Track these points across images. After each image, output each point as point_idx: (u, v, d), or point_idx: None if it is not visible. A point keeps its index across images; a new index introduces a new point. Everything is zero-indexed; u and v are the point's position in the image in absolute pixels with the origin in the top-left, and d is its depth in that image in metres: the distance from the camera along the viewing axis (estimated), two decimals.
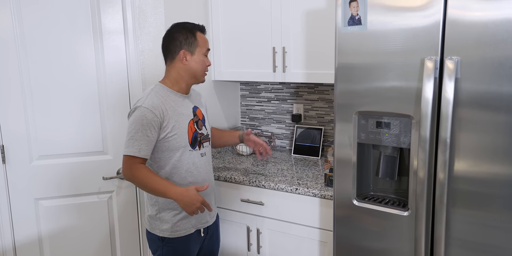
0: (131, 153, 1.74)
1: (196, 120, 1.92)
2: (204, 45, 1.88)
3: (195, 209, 1.72)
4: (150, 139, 1.76)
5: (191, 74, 1.88)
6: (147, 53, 2.26)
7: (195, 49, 1.85)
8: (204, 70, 1.90)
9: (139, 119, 1.74)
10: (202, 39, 1.88)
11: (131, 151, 1.74)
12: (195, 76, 1.89)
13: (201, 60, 1.87)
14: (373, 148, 1.77)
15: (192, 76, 1.88)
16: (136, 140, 1.74)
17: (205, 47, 1.88)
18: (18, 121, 2.12)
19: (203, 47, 1.87)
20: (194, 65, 1.86)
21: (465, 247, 1.51)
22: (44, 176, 2.20)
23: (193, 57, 1.85)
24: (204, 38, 1.89)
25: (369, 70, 1.60)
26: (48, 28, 2.10)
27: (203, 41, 1.88)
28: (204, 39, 1.89)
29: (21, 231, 2.21)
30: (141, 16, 2.23)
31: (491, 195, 1.43)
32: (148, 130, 1.74)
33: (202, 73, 1.90)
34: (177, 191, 1.71)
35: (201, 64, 1.88)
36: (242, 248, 2.32)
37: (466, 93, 1.42)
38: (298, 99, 2.77)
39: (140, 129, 1.74)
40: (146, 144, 1.75)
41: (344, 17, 1.61)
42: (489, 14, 1.35)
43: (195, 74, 1.88)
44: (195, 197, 1.71)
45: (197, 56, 1.86)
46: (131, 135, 1.75)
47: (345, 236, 1.78)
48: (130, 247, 2.41)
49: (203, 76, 1.92)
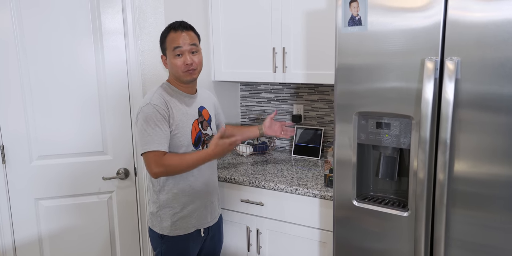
0: (153, 148, 1.73)
1: (201, 120, 1.92)
2: (170, 45, 1.80)
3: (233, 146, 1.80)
4: (166, 132, 1.77)
5: (174, 76, 1.87)
6: (147, 53, 2.26)
7: (166, 51, 1.83)
8: (181, 70, 1.81)
9: (151, 115, 1.75)
10: (170, 39, 1.80)
11: (152, 146, 1.74)
12: (177, 77, 1.86)
13: (173, 62, 1.81)
14: (373, 148, 1.77)
15: (175, 77, 1.87)
16: (154, 136, 1.74)
17: (171, 47, 1.79)
18: (18, 121, 2.12)
19: (170, 47, 1.80)
20: (171, 67, 1.85)
21: (465, 247, 1.50)
22: (44, 176, 2.20)
23: (168, 60, 1.84)
24: (173, 37, 1.80)
25: (369, 71, 1.60)
26: (47, 28, 2.10)
27: (170, 41, 1.80)
28: (172, 39, 1.80)
29: (21, 231, 2.21)
30: (141, 17, 2.23)
31: (491, 196, 1.43)
32: (161, 124, 1.76)
33: (180, 73, 1.83)
34: (210, 153, 1.78)
35: (173, 66, 1.82)
36: (242, 248, 2.32)
37: (466, 94, 1.42)
38: (298, 99, 2.77)
39: (155, 124, 1.75)
40: (164, 138, 1.76)
41: (344, 17, 1.61)
42: (490, 15, 1.35)
43: (176, 76, 1.85)
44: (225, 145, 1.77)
45: (169, 58, 1.83)
46: (148, 132, 1.74)
47: (345, 236, 1.78)
48: (130, 247, 2.41)
49: (184, 76, 1.83)
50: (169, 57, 1.83)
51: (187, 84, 1.88)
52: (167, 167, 1.75)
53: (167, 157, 1.75)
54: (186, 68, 1.81)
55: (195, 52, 1.83)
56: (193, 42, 1.82)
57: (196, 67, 1.84)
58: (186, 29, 1.81)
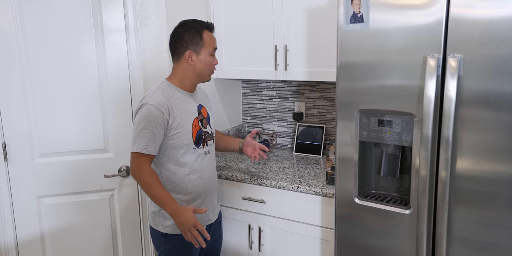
0: (137, 149, 1.75)
1: (200, 118, 1.92)
2: (210, 44, 1.85)
3: (190, 235, 1.74)
4: (156, 136, 1.76)
5: (196, 74, 1.87)
6: (148, 51, 2.26)
7: (201, 49, 1.83)
8: (211, 69, 1.89)
9: (145, 116, 1.75)
10: (208, 38, 1.84)
11: (137, 147, 1.75)
12: (200, 75, 1.88)
13: (207, 60, 1.85)
14: (375, 146, 1.77)
15: (197, 75, 1.87)
16: (142, 137, 1.75)
17: (211, 47, 1.85)
18: (20, 119, 2.12)
19: (209, 47, 1.84)
20: (200, 65, 1.85)
21: (467, 245, 1.50)
22: (46, 174, 2.21)
23: (199, 57, 1.84)
24: (211, 37, 1.86)
25: (371, 68, 1.60)
26: (49, 26, 2.10)
27: (210, 41, 1.85)
28: (211, 38, 1.85)
29: (23, 228, 2.22)
30: (142, 14, 2.23)
31: (493, 194, 1.43)
32: (154, 127, 1.75)
33: (208, 72, 1.88)
34: (174, 208, 1.74)
35: (207, 65, 1.86)
36: (243, 246, 2.32)
37: (469, 91, 1.42)
38: (300, 97, 2.77)
39: (146, 126, 1.75)
40: (153, 141, 1.76)
41: (346, 14, 1.61)
42: (493, 12, 1.34)
43: (200, 74, 1.87)
44: (190, 220, 1.72)
45: (203, 56, 1.84)
46: (137, 132, 1.76)
47: (347, 234, 1.78)
48: (132, 244, 2.42)
49: (208, 75, 1.90)
50: (204, 54, 1.84)
51: (203, 82, 1.94)
52: (139, 177, 1.78)
53: (148, 171, 1.77)
54: (214, 68, 1.90)
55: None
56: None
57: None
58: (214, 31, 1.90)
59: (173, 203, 1.75)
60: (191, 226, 1.72)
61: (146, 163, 1.78)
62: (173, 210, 1.74)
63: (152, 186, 1.76)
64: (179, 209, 1.74)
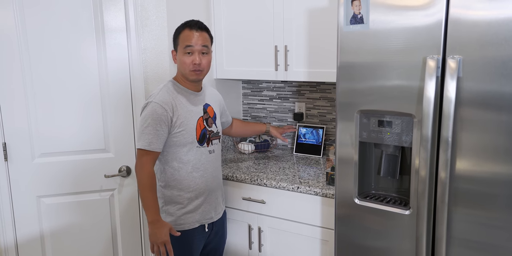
0: (141, 146, 1.79)
1: (206, 117, 1.93)
2: (183, 42, 1.82)
3: (157, 249, 1.79)
4: (160, 133, 1.79)
5: (181, 73, 1.89)
6: (149, 51, 2.26)
7: (177, 47, 1.85)
8: (188, 68, 1.84)
9: (150, 114, 1.79)
10: (184, 36, 1.82)
11: (141, 144, 1.79)
12: (184, 74, 1.88)
13: (181, 59, 1.84)
14: (375, 147, 1.77)
15: (183, 75, 1.89)
16: (146, 134, 1.78)
17: (183, 44, 1.81)
18: (20, 119, 2.13)
19: (182, 44, 1.82)
20: (179, 64, 1.87)
21: (467, 246, 1.50)
22: (46, 174, 2.21)
23: (178, 56, 1.86)
24: (187, 34, 1.81)
25: (371, 69, 1.60)
26: (50, 26, 2.10)
27: (183, 38, 1.82)
28: (186, 36, 1.81)
29: (23, 228, 2.22)
30: (143, 14, 2.23)
31: (492, 195, 1.43)
32: (158, 125, 1.78)
33: (187, 71, 1.85)
34: (155, 218, 1.79)
35: (182, 63, 1.84)
36: (243, 246, 2.32)
37: (468, 92, 1.42)
38: (300, 97, 2.77)
39: (150, 124, 1.78)
40: (157, 138, 1.79)
41: (346, 15, 1.61)
42: (492, 13, 1.34)
43: (183, 73, 1.87)
44: (162, 235, 1.78)
45: (179, 54, 1.85)
46: (142, 129, 1.80)
47: (347, 234, 1.78)
48: (132, 244, 2.42)
49: (190, 74, 1.85)
50: (179, 53, 1.85)
51: (192, 82, 1.91)
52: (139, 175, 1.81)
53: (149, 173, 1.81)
54: (194, 67, 1.83)
55: (205, 53, 1.85)
56: (205, 44, 1.85)
57: (203, 69, 1.86)
58: (200, 29, 1.84)
59: (156, 213, 1.80)
60: (161, 242, 1.78)
61: (149, 163, 1.81)
62: (153, 219, 1.79)
63: (146, 189, 1.80)
64: (158, 221, 1.79)
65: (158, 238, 1.78)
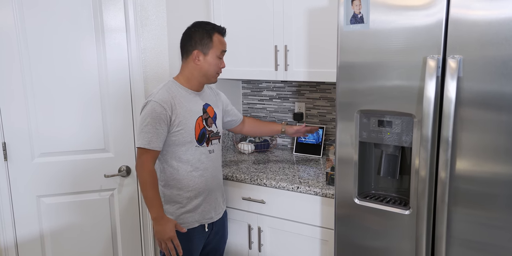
0: (141, 145, 1.80)
1: (205, 117, 1.94)
2: (219, 47, 1.88)
3: (164, 245, 1.80)
4: (159, 132, 1.80)
5: (202, 74, 1.90)
6: (149, 51, 2.26)
7: (209, 50, 1.87)
8: (217, 71, 1.92)
9: (149, 113, 1.80)
10: (218, 40, 1.88)
11: (141, 143, 1.80)
12: (206, 76, 1.91)
13: (213, 62, 1.89)
14: (375, 146, 1.77)
15: (203, 75, 1.91)
16: (146, 133, 1.79)
17: (219, 49, 1.89)
18: (20, 119, 2.13)
19: (217, 49, 1.88)
20: (206, 66, 1.89)
21: (466, 246, 1.50)
22: (46, 174, 2.21)
23: (206, 58, 1.87)
24: (221, 40, 1.90)
25: (371, 69, 1.60)
26: (50, 26, 2.10)
27: (219, 43, 1.88)
28: (220, 41, 1.89)
29: (22, 228, 2.22)
30: (143, 14, 2.23)
31: (492, 195, 1.43)
32: (157, 123, 1.79)
33: (213, 74, 1.92)
34: (159, 215, 1.81)
35: (214, 66, 1.89)
36: (243, 246, 2.32)
37: (468, 92, 1.42)
38: (300, 97, 2.77)
39: (150, 122, 1.79)
40: (156, 137, 1.80)
41: (346, 15, 1.61)
42: (492, 13, 1.34)
43: (206, 74, 1.91)
44: (168, 231, 1.79)
45: (210, 57, 1.88)
46: (142, 128, 1.81)
47: (346, 234, 1.78)
48: (132, 244, 2.42)
49: (214, 77, 1.93)
50: (211, 56, 1.88)
51: (209, 83, 1.98)
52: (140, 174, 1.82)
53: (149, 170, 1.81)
54: (220, 71, 1.93)
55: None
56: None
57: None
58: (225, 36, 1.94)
59: (160, 210, 1.82)
60: (168, 238, 1.80)
61: (150, 161, 1.82)
62: (157, 216, 1.80)
63: (148, 187, 1.81)
64: (162, 218, 1.81)
65: (164, 234, 1.79)
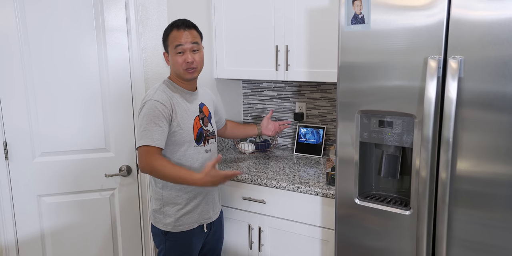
0: (145, 143, 1.74)
1: (202, 116, 1.94)
2: (173, 42, 1.82)
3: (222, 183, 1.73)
4: (162, 129, 1.78)
5: (175, 73, 1.89)
6: (150, 50, 2.26)
7: (168, 48, 1.86)
8: (182, 68, 1.84)
9: (150, 111, 1.77)
10: (172, 36, 1.82)
11: (145, 141, 1.75)
12: (178, 74, 1.88)
13: (174, 59, 1.84)
14: (376, 147, 1.77)
15: (177, 75, 1.89)
16: (148, 131, 1.75)
17: (173, 44, 1.82)
18: (21, 118, 2.13)
19: (172, 45, 1.82)
20: (172, 64, 1.87)
21: (467, 246, 1.50)
22: (46, 173, 2.21)
23: (170, 57, 1.87)
24: (175, 35, 1.82)
25: (372, 69, 1.60)
26: (51, 25, 2.10)
27: (173, 39, 1.82)
28: (174, 36, 1.82)
29: (23, 227, 2.22)
30: (144, 14, 2.23)
31: (493, 195, 1.43)
32: (159, 121, 1.77)
33: (181, 71, 1.85)
34: (196, 179, 1.70)
35: (175, 63, 1.84)
36: (243, 246, 2.32)
37: (469, 93, 1.42)
38: (301, 97, 2.77)
39: (152, 120, 1.76)
40: (159, 134, 1.77)
41: (347, 15, 1.61)
42: (493, 13, 1.34)
43: (177, 73, 1.88)
44: (216, 178, 1.70)
45: (171, 55, 1.85)
46: (144, 127, 1.77)
47: (347, 234, 1.78)
48: (132, 244, 2.42)
49: (184, 74, 1.86)
50: (170, 54, 1.85)
51: (188, 81, 1.91)
52: (153, 168, 1.75)
53: (158, 159, 1.75)
54: (187, 66, 1.83)
55: (196, 50, 1.85)
56: (195, 41, 1.84)
57: (197, 66, 1.86)
58: (188, 28, 1.83)
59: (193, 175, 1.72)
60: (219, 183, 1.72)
61: (155, 153, 1.75)
62: (197, 181, 1.70)
63: (166, 171, 1.73)
64: (201, 177, 1.70)
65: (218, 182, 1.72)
